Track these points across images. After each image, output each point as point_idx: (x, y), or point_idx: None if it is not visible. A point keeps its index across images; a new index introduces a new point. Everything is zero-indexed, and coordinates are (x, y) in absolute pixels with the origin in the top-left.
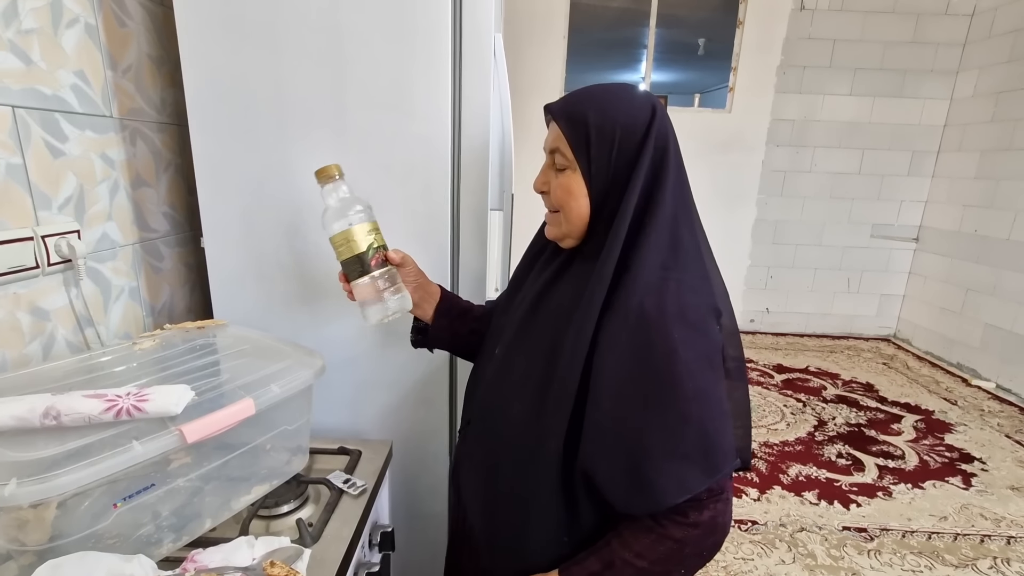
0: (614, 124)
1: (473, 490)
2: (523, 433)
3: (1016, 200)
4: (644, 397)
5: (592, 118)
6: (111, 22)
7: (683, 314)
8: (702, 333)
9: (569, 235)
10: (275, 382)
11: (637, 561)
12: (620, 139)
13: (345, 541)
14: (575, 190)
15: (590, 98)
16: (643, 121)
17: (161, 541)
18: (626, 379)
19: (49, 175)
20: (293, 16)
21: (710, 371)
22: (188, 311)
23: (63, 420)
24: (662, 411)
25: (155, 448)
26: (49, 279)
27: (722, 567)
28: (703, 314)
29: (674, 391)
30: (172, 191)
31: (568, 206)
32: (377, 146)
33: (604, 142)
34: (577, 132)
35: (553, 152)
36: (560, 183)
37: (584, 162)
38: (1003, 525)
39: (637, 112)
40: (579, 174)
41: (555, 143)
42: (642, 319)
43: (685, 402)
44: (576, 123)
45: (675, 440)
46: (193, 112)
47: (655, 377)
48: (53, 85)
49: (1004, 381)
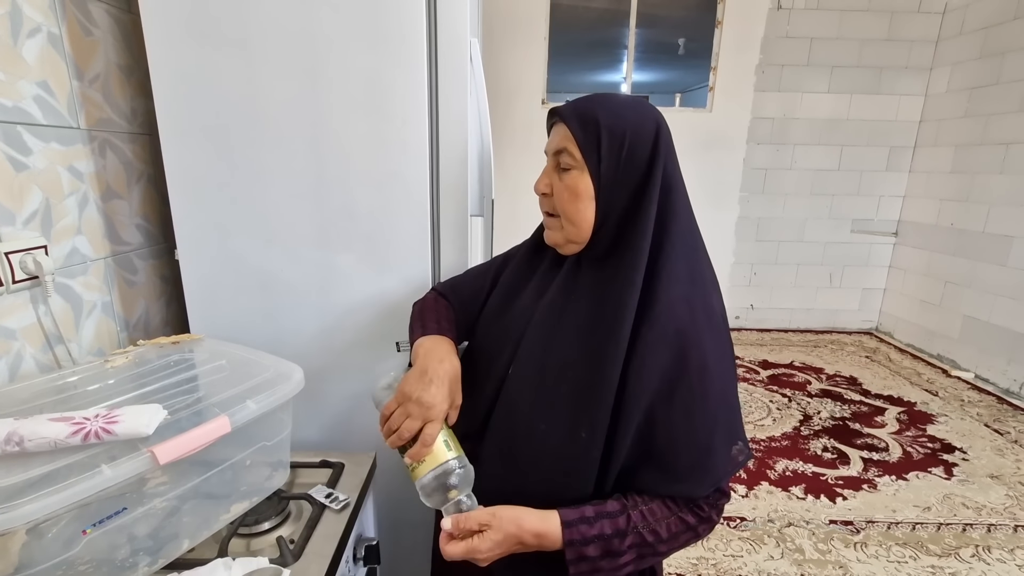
0: (624, 126)
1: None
2: (553, 450)
3: (990, 193)
4: (683, 401)
5: (603, 119)
6: (76, 31)
7: (711, 321)
8: (725, 337)
9: (573, 240)
10: (251, 398)
11: (648, 535)
12: (630, 142)
13: (327, 558)
14: (582, 191)
15: (600, 102)
16: (651, 129)
17: (136, 565)
18: (666, 386)
19: (12, 190)
20: (265, 22)
21: (731, 372)
22: (165, 324)
23: (26, 446)
24: (702, 414)
25: (125, 472)
26: (14, 297)
27: (712, 564)
28: (723, 319)
29: (706, 396)
30: (145, 202)
31: (574, 207)
32: (354, 153)
33: (615, 142)
34: (588, 131)
35: (559, 153)
36: (566, 184)
37: (594, 161)
38: (984, 513)
39: (645, 120)
40: (587, 175)
41: (562, 143)
42: (680, 330)
43: (715, 403)
44: (587, 122)
45: (709, 435)
46: (163, 121)
47: (690, 383)
48: (14, 96)
49: (982, 371)
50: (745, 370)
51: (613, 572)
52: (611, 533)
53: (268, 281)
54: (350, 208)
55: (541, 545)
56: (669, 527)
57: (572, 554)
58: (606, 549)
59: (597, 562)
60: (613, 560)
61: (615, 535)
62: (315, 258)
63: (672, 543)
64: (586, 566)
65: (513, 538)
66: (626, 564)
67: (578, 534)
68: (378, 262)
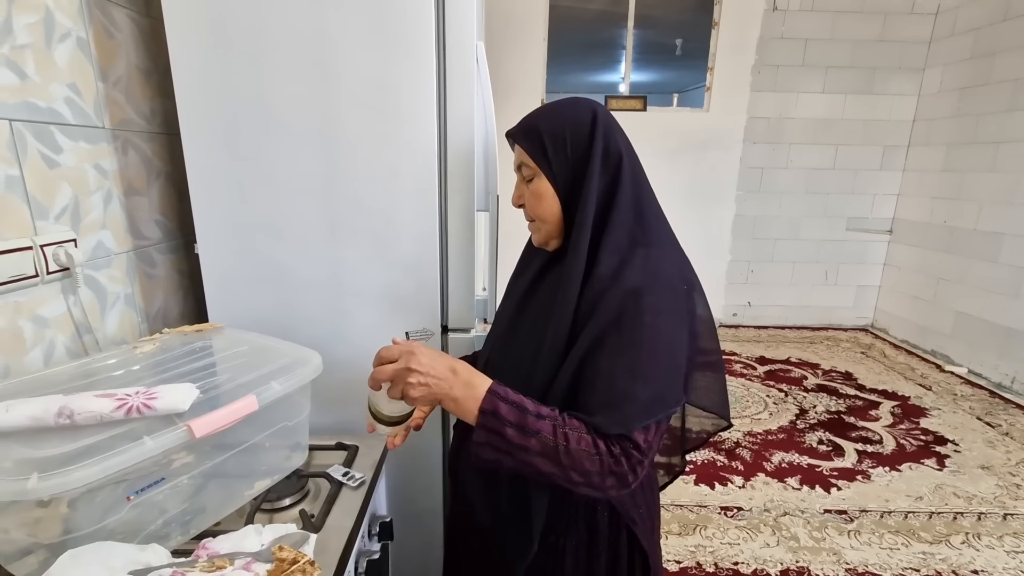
0: (563, 127)
1: (472, 475)
2: None
3: (980, 191)
4: (611, 345)
5: (543, 126)
6: (100, 35)
7: (657, 280)
8: (675, 296)
9: (550, 235)
10: (275, 379)
11: (559, 437)
12: (571, 138)
13: (346, 531)
14: (544, 192)
15: (539, 114)
16: (587, 120)
17: (169, 535)
18: (600, 333)
19: (45, 186)
20: (280, 28)
21: (676, 331)
22: (181, 316)
23: (76, 419)
24: (629, 361)
25: (165, 443)
26: (48, 287)
27: (709, 552)
28: (679, 280)
29: (635, 345)
30: (163, 199)
31: (541, 207)
32: (365, 151)
33: (558, 143)
34: (534, 143)
35: (520, 168)
36: (531, 191)
37: (545, 165)
38: (974, 503)
39: (580, 114)
40: (544, 178)
41: (519, 159)
42: (620, 288)
43: (647, 356)
44: (531, 135)
45: (629, 380)
46: (185, 122)
47: (620, 330)
48: (47, 98)
49: (975, 366)
50: (742, 366)
51: (512, 453)
52: (531, 410)
53: (282, 274)
54: (361, 204)
55: (465, 394)
56: (579, 441)
57: (488, 403)
58: (520, 421)
59: (505, 427)
60: (520, 435)
61: (533, 414)
62: (327, 252)
63: (574, 461)
64: (494, 422)
65: (443, 366)
66: (527, 450)
67: (502, 391)
68: (388, 255)
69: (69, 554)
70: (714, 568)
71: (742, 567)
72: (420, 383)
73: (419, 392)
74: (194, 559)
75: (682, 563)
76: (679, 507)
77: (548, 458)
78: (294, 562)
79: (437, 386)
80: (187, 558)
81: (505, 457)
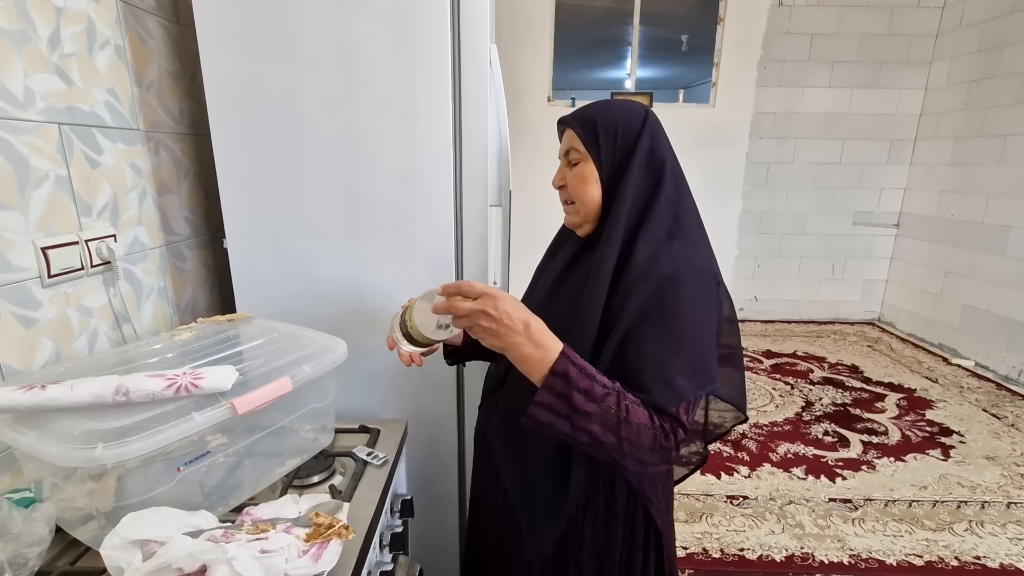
0: (616, 121)
1: (501, 445)
2: None
3: (988, 185)
4: (653, 329)
5: (599, 118)
6: (136, 42)
7: (691, 271)
8: (706, 288)
9: (586, 218)
10: (306, 363)
11: (621, 409)
12: (622, 132)
13: (373, 504)
14: (588, 176)
15: (595, 107)
16: (638, 120)
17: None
18: (640, 318)
19: (89, 185)
20: (306, 34)
21: (707, 319)
22: (209, 308)
23: (132, 396)
24: (673, 341)
25: (211, 418)
26: (92, 279)
27: (716, 539)
28: (709, 274)
29: (675, 330)
30: (192, 197)
31: (582, 189)
32: (386, 151)
33: (609, 134)
34: (587, 129)
35: (568, 152)
36: (575, 174)
37: (595, 151)
38: (978, 492)
39: (633, 114)
40: (591, 163)
41: (569, 143)
42: (657, 275)
43: (685, 339)
44: (586, 123)
45: (673, 359)
46: (215, 123)
47: (661, 315)
48: (90, 102)
49: (982, 359)
50: (749, 360)
51: (571, 418)
52: (599, 380)
53: (306, 267)
54: (382, 201)
55: (534, 352)
56: (638, 415)
57: (560, 365)
58: (588, 387)
59: (572, 390)
60: (585, 399)
61: (600, 385)
62: (350, 246)
63: (631, 432)
64: (563, 385)
65: (519, 319)
66: (589, 416)
67: (572, 355)
68: (407, 249)
69: (130, 516)
70: (720, 554)
71: (748, 553)
72: (492, 329)
73: (487, 336)
74: (239, 523)
75: (689, 549)
76: (686, 496)
77: (607, 427)
78: (330, 526)
79: (507, 336)
80: (232, 523)
81: (561, 422)
